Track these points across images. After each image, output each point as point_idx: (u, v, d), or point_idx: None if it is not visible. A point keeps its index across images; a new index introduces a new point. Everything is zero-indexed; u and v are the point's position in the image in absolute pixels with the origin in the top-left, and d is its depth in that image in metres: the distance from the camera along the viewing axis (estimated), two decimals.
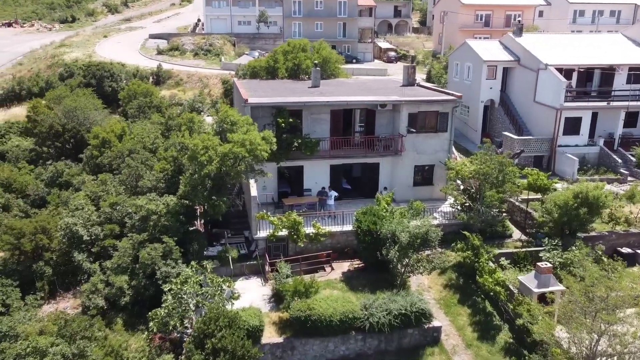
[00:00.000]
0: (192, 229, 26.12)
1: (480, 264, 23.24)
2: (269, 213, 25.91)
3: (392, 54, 73.61)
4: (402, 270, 23.03)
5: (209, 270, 20.56)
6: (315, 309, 20.62)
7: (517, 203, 29.75)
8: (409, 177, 30.64)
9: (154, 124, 34.06)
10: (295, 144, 27.44)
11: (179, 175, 26.12)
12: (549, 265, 21.77)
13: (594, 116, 36.74)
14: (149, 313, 19.27)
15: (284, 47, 39.94)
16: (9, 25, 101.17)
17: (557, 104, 35.29)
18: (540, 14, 73.12)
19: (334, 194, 28.54)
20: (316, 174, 30.11)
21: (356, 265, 26.31)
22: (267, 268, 25.50)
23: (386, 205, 26.10)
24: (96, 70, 50.02)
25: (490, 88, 40.09)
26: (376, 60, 74.78)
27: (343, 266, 26.47)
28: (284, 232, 25.83)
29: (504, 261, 24.83)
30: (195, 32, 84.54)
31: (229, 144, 23.22)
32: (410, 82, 34.23)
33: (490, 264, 23.90)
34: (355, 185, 32.59)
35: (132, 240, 22.91)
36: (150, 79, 57.69)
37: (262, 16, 78.32)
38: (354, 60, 69.59)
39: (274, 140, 25.01)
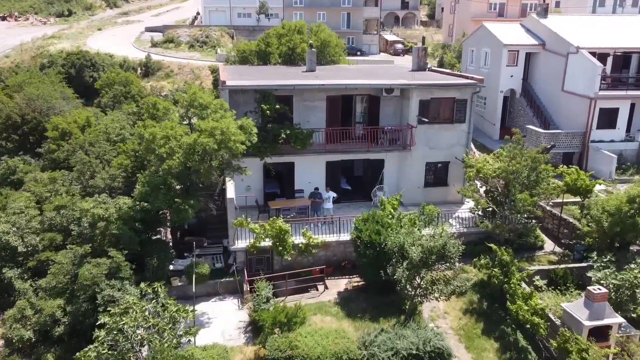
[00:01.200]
0: (155, 238, 21.17)
1: (512, 285, 18.08)
2: (249, 219, 20.91)
3: (399, 46, 68.38)
4: (413, 292, 17.94)
5: (161, 294, 15.55)
6: (299, 347, 15.59)
7: (548, 208, 24.56)
8: (419, 176, 25.52)
9: (126, 114, 29.12)
10: (283, 135, 22.40)
11: (141, 172, 21.15)
12: (604, 290, 16.58)
13: (631, 107, 31.46)
14: (76, 354, 14.27)
15: (277, 30, 34.89)
16: (4, 19, 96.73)
17: (590, 92, 30.00)
18: (557, 4, 67.70)
19: (332, 195, 23.44)
20: (310, 172, 25.08)
21: (355, 284, 21.23)
22: (246, 287, 20.51)
23: (392, 211, 21.03)
24: (76, 60, 45.20)
25: (511, 76, 34.85)
26: (382, 53, 69.55)
27: (339, 284, 21.40)
28: (267, 243, 20.86)
29: (538, 281, 19.67)
30: (193, 25, 79.79)
31: (195, 133, 18.25)
32: (421, 66, 29.06)
33: (523, 284, 18.78)
34: (356, 185, 27.51)
35: (72, 254, 17.97)
36: (139, 70, 52.90)
37: (263, 7, 73.21)
38: (358, 53, 64.43)
39: (254, 130, 19.99)
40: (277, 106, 22.34)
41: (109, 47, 63.12)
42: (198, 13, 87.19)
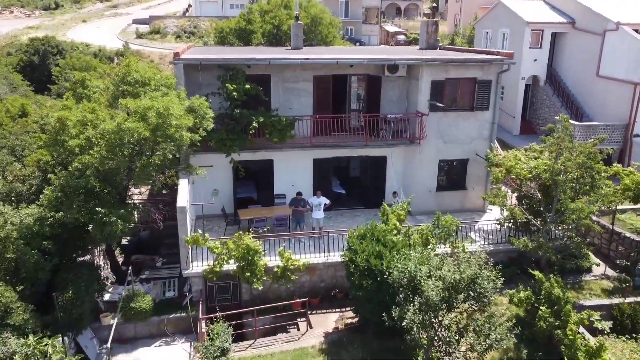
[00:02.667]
0: (81, 260, 15.75)
1: (569, 334, 12.57)
2: (206, 235, 15.45)
3: (401, 37, 62.80)
4: (428, 343, 12.44)
5: (51, 354, 10.12)
6: None
7: (594, 218, 19.09)
8: (430, 177, 20.04)
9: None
10: (255, 124, 16.91)
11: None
12: None
13: None
14: None
15: (261, 5, 29.43)
16: None
17: (635, 76, 24.53)
18: None
19: (324, 201, 17.93)
20: (293, 173, 19.65)
21: (348, 322, 15.80)
22: (202, 326, 15.08)
23: (398, 224, 15.56)
24: (40, 46, 39.75)
25: (535, 60, 29.32)
26: (382, 45, 64.06)
27: (327, 321, 15.93)
28: (231, 266, 15.44)
29: (600, 322, 14.14)
30: (182, 16, 74.50)
31: (120, 116, 12.80)
32: (431, 44, 23.54)
33: (582, 329, 13.34)
34: (352, 188, 22.07)
35: None
36: (116, 60, 47.56)
37: None
38: (357, 44, 58.90)
39: (209, 113, 14.59)
40: (248, 86, 16.87)
41: (91, 39, 58.01)
42: (190, 5, 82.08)
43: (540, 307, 13.42)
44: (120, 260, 18.87)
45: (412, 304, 11.99)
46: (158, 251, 19.16)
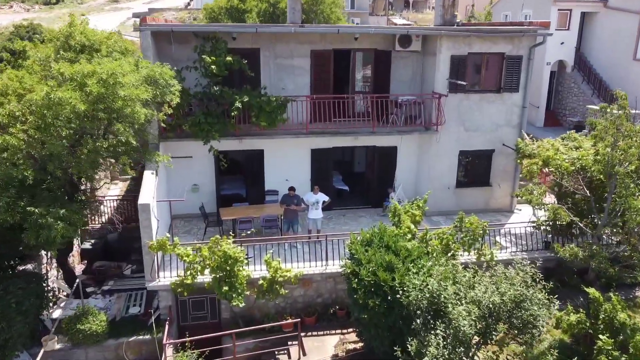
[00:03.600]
0: (24, 268, 12.75)
1: None
2: (176, 239, 12.38)
3: None
4: None
5: None
6: None
7: None
8: (449, 171, 16.88)
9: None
10: (238, 104, 13.84)
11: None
12: None
13: None
14: None
15: None
16: None
17: None
18: None
19: (322, 199, 14.84)
20: (287, 165, 16.60)
21: (351, 347, 12.69)
22: (169, 353, 12.01)
23: (412, 226, 12.44)
24: (25, 33, 36.99)
25: (562, 43, 26.03)
26: None
27: (325, 345, 12.83)
28: (206, 277, 12.38)
29: None
30: (183, 9, 71.80)
31: (49, 85, 9.71)
32: (448, 20, 20.25)
33: None
34: (356, 184, 18.97)
35: None
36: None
37: None
38: None
39: (176, 85, 11.58)
40: (230, 58, 13.79)
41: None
42: None
43: (600, 337, 10.24)
44: (82, 267, 15.87)
45: (434, 334, 8.87)
46: (128, 257, 16.16)
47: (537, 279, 9.35)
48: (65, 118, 9.68)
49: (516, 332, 8.72)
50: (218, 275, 12.08)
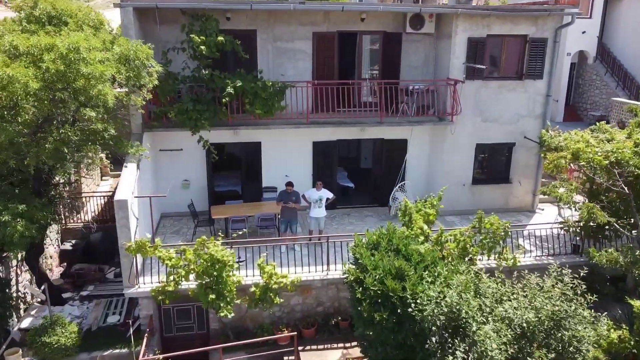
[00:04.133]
0: None
1: None
2: (157, 240, 10.92)
3: None
4: None
5: None
6: None
7: None
8: (464, 166, 15.27)
9: None
10: (230, 90, 12.33)
11: None
12: None
13: None
14: None
15: None
16: None
17: None
18: None
19: (325, 196, 13.28)
20: (286, 160, 15.11)
21: None
22: None
23: (425, 227, 10.88)
24: None
25: (583, 32, 24.28)
26: None
27: None
28: (192, 283, 10.90)
29: None
30: None
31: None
32: (463, 2, 18.72)
33: None
34: (362, 181, 17.43)
35: None
36: None
37: None
38: None
39: (154, 65, 10.12)
40: (221, 38, 12.28)
41: None
42: None
43: None
44: (60, 270, 14.45)
45: (453, 356, 7.30)
46: (112, 259, 14.70)
47: (580, 291, 7.75)
48: (21, 99, 8.21)
49: (554, 355, 7.14)
50: (204, 282, 10.61)
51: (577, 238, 12.99)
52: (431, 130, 15.37)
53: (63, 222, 15.09)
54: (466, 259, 11.27)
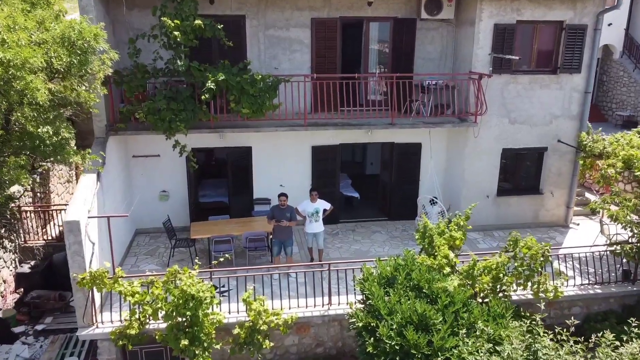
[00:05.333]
0: None
1: None
2: (119, 269, 8.77)
3: None
4: None
5: None
6: None
7: None
8: (488, 175, 13.05)
9: None
10: (211, 85, 10.16)
11: None
12: None
13: None
14: None
15: None
16: None
17: None
18: None
19: (322, 207, 11.12)
20: (281, 167, 12.94)
21: None
22: None
23: (451, 255, 8.71)
24: None
25: (609, 25, 22.06)
26: None
27: None
28: (162, 323, 8.74)
29: None
30: None
31: None
32: None
33: None
34: (369, 191, 15.28)
35: None
36: None
37: None
38: None
39: (112, 53, 8.00)
40: (199, 22, 10.10)
41: None
42: None
43: None
44: (15, 297, 12.28)
45: None
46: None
47: None
48: None
49: None
50: (175, 322, 8.44)
51: (627, 262, 10.81)
52: (449, 134, 13.20)
53: (22, 239, 12.93)
54: (497, 291, 9.12)
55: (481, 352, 5.83)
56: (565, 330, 6.08)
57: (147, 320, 8.76)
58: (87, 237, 8.85)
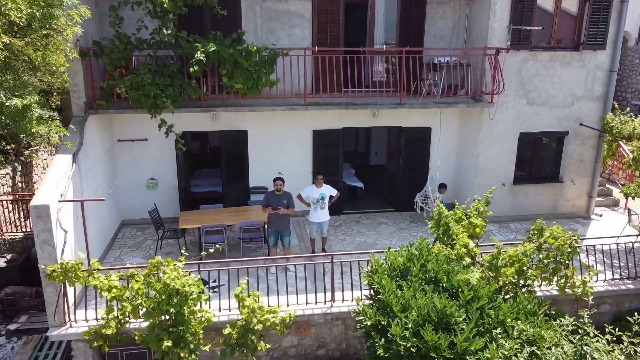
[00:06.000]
0: None
1: None
2: (94, 261, 7.74)
3: None
4: None
5: None
6: None
7: None
8: (504, 161, 11.96)
9: None
10: (201, 56, 9.10)
11: None
12: None
13: None
14: None
15: None
16: None
17: None
18: None
19: (328, 193, 10.09)
20: (279, 153, 11.89)
21: None
22: None
23: (471, 244, 7.64)
24: None
25: None
26: None
27: None
28: (144, 322, 7.70)
29: None
30: None
31: None
32: None
33: None
34: (374, 180, 14.24)
35: None
36: None
37: None
38: None
39: (85, 10, 6.94)
40: None
41: None
42: None
43: None
44: None
45: None
46: None
47: None
48: None
49: None
50: (157, 321, 7.39)
51: None
52: (461, 117, 12.16)
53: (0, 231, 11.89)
54: (521, 284, 8.06)
55: (521, 356, 4.77)
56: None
57: (127, 319, 7.72)
58: (59, 224, 7.80)
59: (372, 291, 7.01)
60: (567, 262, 8.56)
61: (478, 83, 11.30)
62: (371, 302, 7.01)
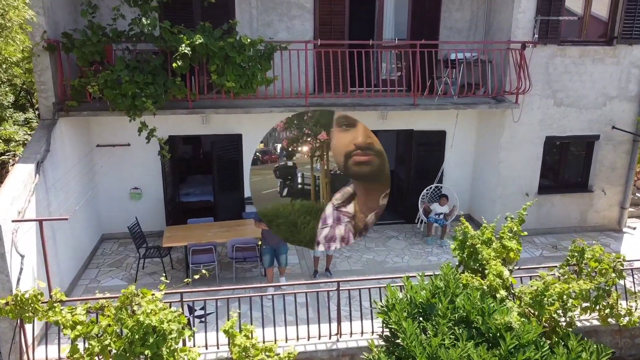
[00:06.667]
0: None
1: None
2: (56, 290, 6.50)
3: None
4: None
5: None
6: None
7: None
8: (528, 168, 10.70)
9: None
10: (185, 48, 7.87)
11: None
12: None
13: None
14: None
15: None
16: None
17: None
18: None
19: None
20: None
21: None
22: None
23: (505, 273, 6.38)
24: None
25: None
26: None
27: None
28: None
29: None
30: None
31: None
32: None
33: None
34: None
35: None
36: None
37: None
38: None
39: None
40: None
41: None
42: None
43: None
44: None
45: None
46: None
47: None
48: None
49: None
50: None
51: None
52: (480, 119, 10.92)
53: None
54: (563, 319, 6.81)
55: None
56: None
57: (93, 353, 6.47)
58: (14, 248, 6.56)
59: (386, 329, 5.77)
60: (610, 288, 7.33)
61: (502, 81, 10.05)
62: (384, 342, 5.77)
